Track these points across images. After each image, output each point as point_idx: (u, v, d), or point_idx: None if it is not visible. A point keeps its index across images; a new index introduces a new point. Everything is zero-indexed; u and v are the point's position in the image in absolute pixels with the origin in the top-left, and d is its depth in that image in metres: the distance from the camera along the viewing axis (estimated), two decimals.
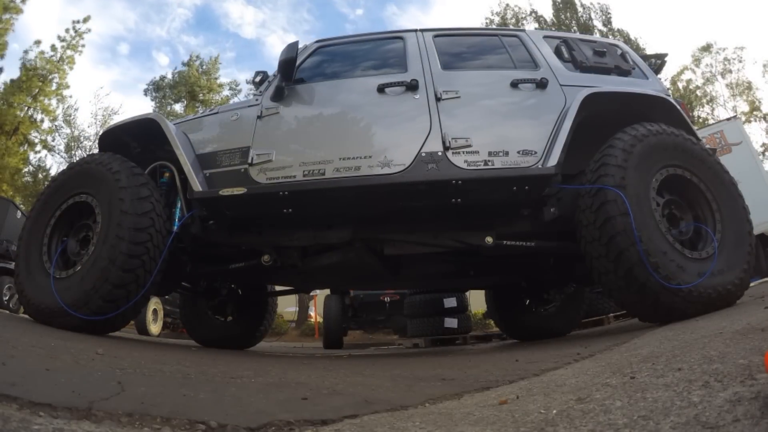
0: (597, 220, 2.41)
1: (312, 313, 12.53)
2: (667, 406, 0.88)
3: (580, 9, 18.83)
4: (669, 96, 3.03)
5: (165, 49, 32.02)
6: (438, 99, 2.76)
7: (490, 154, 2.61)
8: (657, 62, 3.51)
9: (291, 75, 2.86)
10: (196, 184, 2.68)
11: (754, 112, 20.83)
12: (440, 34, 3.17)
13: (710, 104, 21.20)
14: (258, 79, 3.16)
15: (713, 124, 11.05)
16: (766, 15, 28.28)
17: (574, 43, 3.18)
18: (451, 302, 6.08)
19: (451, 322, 6.04)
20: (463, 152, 2.61)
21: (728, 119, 9.83)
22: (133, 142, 3.12)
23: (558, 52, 3.11)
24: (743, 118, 17.77)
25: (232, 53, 33.29)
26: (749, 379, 0.91)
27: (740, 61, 20.98)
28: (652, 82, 3.19)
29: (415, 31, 3.16)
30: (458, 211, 2.73)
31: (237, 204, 2.66)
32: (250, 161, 2.69)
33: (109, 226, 2.45)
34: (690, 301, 2.28)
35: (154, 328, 8.87)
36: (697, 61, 21.57)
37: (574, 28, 18.26)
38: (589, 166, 2.58)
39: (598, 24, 18.60)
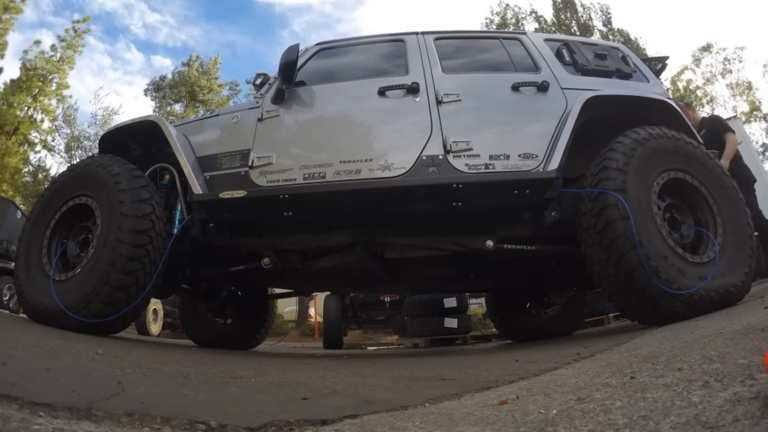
0: (597, 224, 2.40)
1: (312, 313, 12.52)
2: (667, 406, 0.88)
3: (580, 9, 18.83)
4: (670, 99, 3.03)
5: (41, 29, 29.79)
6: (439, 102, 2.75)
7: (491, 157, 2.60)
8: (658, 65, 3.50)
9: (292, 78, 2.86)
10: (197, 187, 2.67)
11: (754, 112, 20.84)
12: (441, 36, 3.16)
13: (710, 104, 21.22)
14: (259, 81, 3.16)
15: None
16: (766, 15, 28.28)
17: (576, 46, 3.17)
18: (451, 302, 6.09)
19: (451, 322, 6.05)
20: (464, 155, 2.60)
21: (728, 119, 9.83)
22: (134, 144, 3.11)
23: (559, 55, 3.10)
24: (743, 118, 17.76)
25: (96, 26, 30.60)
26: (749, 379, 0.91)
27: (740, 61, 21.02)
28: (653, 85, 3.18)
29: (416, 33, 3.14)
30: (459, 214, 2.72)
31: (237, 207, 2.66)
32: (250, 164, 2.69)
33: (109, 229, 2.44)
34: (690, 305, 2.28)
35: (154, 328, 8.89)
36: (697, 61, 21.59)
37: (574, 28, 18.26)
38: (590, 170, 2.58)
39: (598, 24, 18.59)
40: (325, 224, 2.83)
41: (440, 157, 2.60)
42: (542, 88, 2.84)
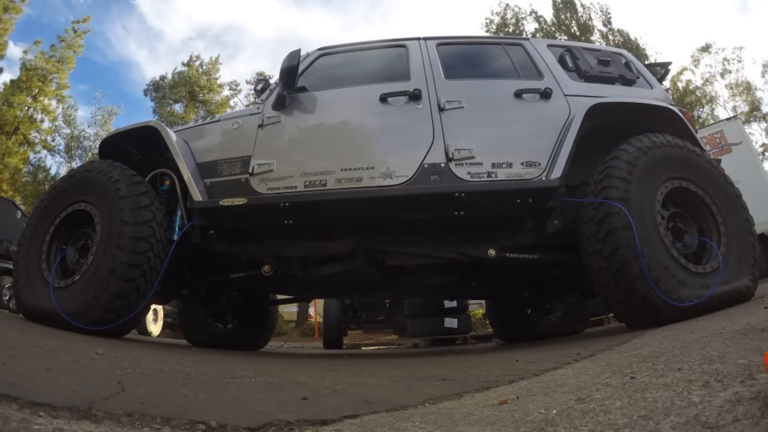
0: (599, 233, 2.38)
1: (312, 313, 12.53)
2: (667, 406, 0.88)
3: (580, 9, 18.80)
4: (673, 106, 2.99)
5: None
6: (441, 109, 2.72)
7: (493, 165, 2.58)
8: (661, 71, 3.47)
9: (293, 83, 2.83)
10: (197, 194, 2.66)
11: (754, 112, 20.84)
12: (443, 42, 3.13)
13: (710, 104, 21.22)
14: (260, 87, 3.14)
15: (713, 124, 11.05)
16: (766, 15, 28.27)
17: (579, 52, 3.14)
18: (450, 303, 6.09)
19: (451, 322, 6.06)
20: (466, 164, 2.58)
21: (728, 119, 9.84)
22: (134, 149, 3.10)
23: (562, 62, 3.07)
24: (743, 118, 17.75)
25: None
26: (749, 379, 0.91)
27: (739, 61, 21.00)
28: (656, 91, 3.16)
29: (418, 39, 3.12)
30: (461, 223, 2.69)
31: (237, 214, 2.64)
32: (251, 171, 2.67)
33: (109, 236, 2.43)
34: (692, 313, 2.26)
35: (155, 328, 8.89)
36: (696, 61, 21.57)
37: (574, 28, 18.26)
38: (592, 178, 2.56)
39: (598, 24, 18.58)
40: (325, 232, 2.81)
41: (442, 165, 2.57)
42: (545, 95, 2.81)
